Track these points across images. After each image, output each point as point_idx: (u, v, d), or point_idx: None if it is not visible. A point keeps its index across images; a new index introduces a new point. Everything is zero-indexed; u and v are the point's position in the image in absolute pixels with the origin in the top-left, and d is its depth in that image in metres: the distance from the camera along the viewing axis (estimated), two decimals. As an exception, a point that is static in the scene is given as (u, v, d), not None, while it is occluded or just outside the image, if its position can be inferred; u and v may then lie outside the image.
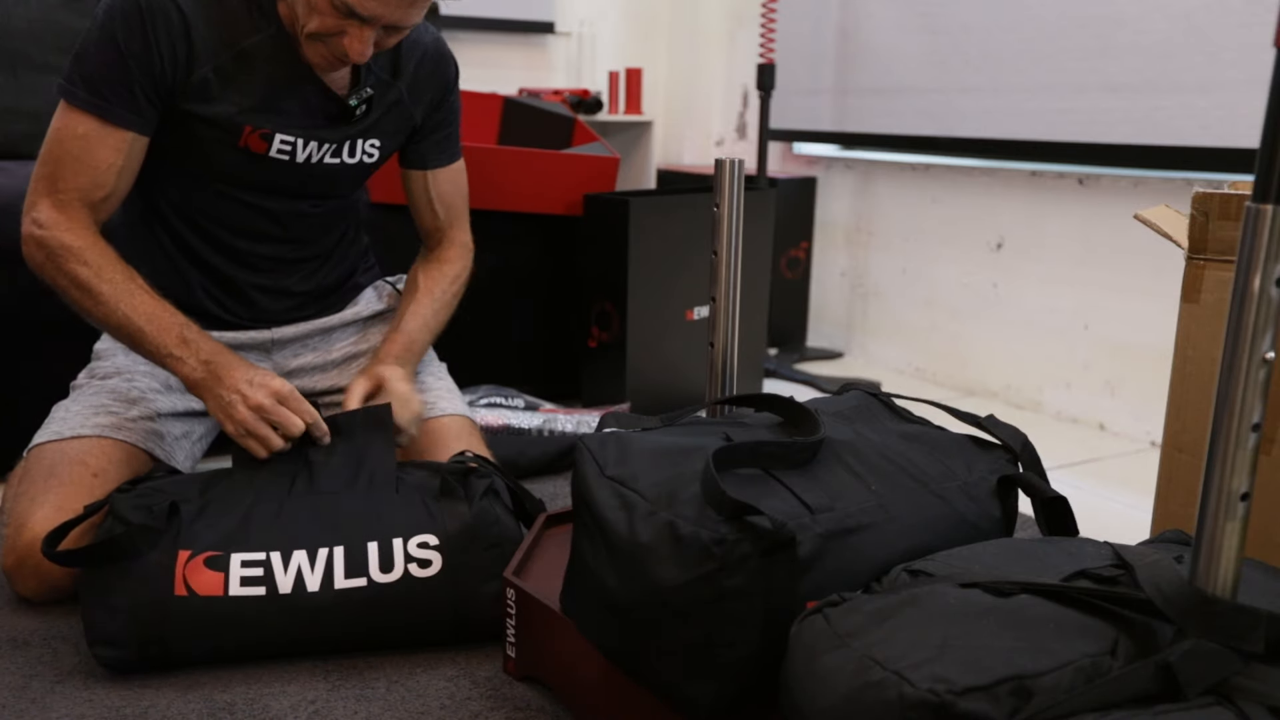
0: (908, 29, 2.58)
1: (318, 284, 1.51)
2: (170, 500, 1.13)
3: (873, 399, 1.16)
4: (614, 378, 2.10)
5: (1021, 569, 0.82)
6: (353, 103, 1.36)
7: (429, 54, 1.44)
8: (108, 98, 1.24)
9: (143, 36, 1.23)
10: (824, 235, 2.98)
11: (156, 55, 1.24)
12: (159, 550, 1.11)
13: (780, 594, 0.86)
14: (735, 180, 1.20)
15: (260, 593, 1.12)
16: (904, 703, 0.67)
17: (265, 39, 1.31)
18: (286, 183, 1.39)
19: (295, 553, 1.14)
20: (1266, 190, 0.66)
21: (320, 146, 1.38)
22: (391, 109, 1.42)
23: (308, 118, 1.35)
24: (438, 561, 1.17)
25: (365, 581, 1.15)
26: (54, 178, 1.26)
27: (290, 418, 1.20)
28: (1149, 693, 0.67)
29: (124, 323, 1.23)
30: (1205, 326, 1.08)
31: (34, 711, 1.07)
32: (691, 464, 0.92)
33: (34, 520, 1.21)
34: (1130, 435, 2.20)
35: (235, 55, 1.29)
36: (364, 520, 1.18)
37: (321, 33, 1.24)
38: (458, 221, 1.57)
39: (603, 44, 3.44)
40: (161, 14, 1.24)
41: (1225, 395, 0.68)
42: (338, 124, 1.37)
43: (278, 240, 1.44)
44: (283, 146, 1.35)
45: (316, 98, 1.35)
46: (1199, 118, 1.96)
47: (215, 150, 1.33)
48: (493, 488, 1.23)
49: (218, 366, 1.22)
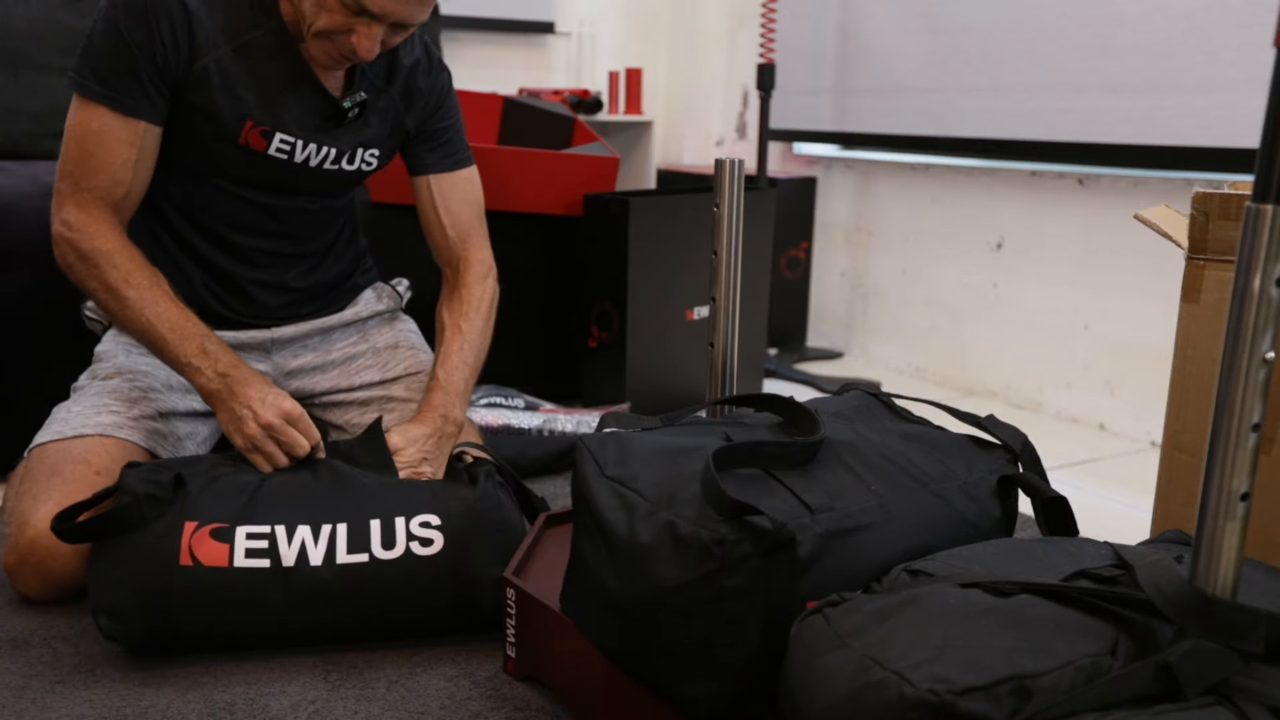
0: (908, 29, 2.58)
1: (316, 280, 1.51)
2: (176, 474, 1.16)
3: (873, 399, 1.16)
4: (614, 378, 2.10)
5: (1021, 569, 0.82)
6: (346, 104, 1.37)
7: (421, 63, 1.46)
8: (118, 89, 1.26)
9: (145, 26, 1.25)
10: (824, 235, 2.98)
11: (160, 44, 1.26)
12: (165, 520, 1.13)
13: (780, 594, 0.86)
14: (735, 180, 1.20)
15: (264, 565, 1.14)
16: (904, 703, 0.67)
17: (266, 34, 1.32)
18: (284, 180, 1.40)
19: (300, 527, 1.16)
20: (1266, 190, 0.66)
21: (320, 150, 1.39)
22: (385, 116, 1.44)
23: (306, 117, 1.36)
24: (439, 541, 1.19)
25: (367, 557, 1.17)
26: (76, 177, 1.28)
27: (297, 438, 1.23)
28: (1149, 693, 0.67)
29: (147, 328, 1.26)
30: (1205, 326, 1.08)
31: (34, 711, 1.07)
32: (691, 464, 0.92)
33: (36, 518, 1.21)
34: (1130, 435, 2.20)
35: (236, 49, 1.31)
36: (368, 499, 1.20)
37: (330, 30, 1.25)
38: (473, 239, 1.52)
39: (603, 44, 3.43)
40: (164, 4, 1.26)
41: (1225, 395, 0.68)
42: (331, 125, 1.39)
43: (275, 235, 1.45)
44: (282, 145, 1.36)
45: (313, 97, 1.36)
46: (1199, 118, 1.96)
47: (216, 146, 1.34)
48: (496, 472, 1.26)
49: (234, 381, 1.25)
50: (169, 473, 1.16)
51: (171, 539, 1.12)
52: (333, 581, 1.15)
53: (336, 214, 1.52)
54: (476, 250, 1.52)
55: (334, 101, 1.37)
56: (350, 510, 1.18)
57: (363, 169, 1.45)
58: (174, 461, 1.22)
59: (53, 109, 2.03)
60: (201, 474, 1.18)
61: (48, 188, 1.67)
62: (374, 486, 1.22)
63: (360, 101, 1.39)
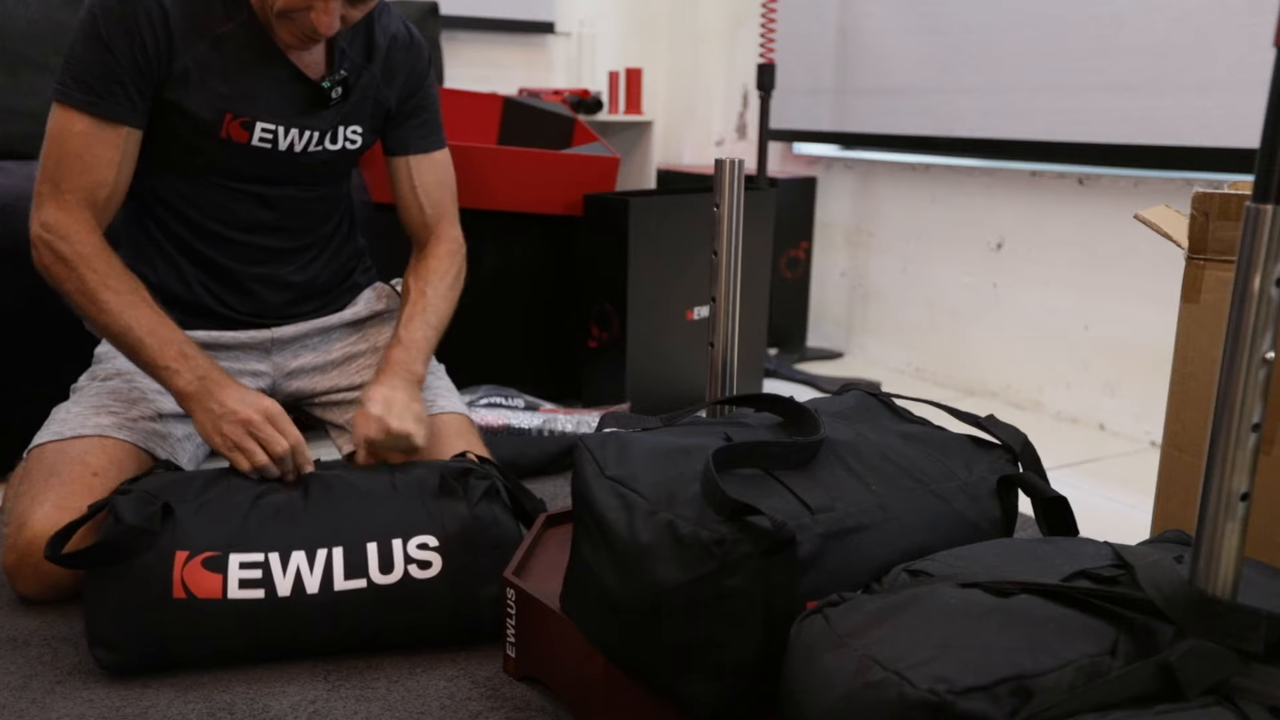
0: (908, 29, 2.58)
1: (314, 276, 1.52)
2: (164, 503, 1.13)
3: (873, 399, 1.16)
4: (614, 378, 2.10)
5: (1022, 569, 0.82)
6: (326, 85, 1.38)
7: (401, 39, 1.47)
8: (100, 94, 1.27)
9: (125, 30, 1.26)
10: (824, 235, 2.98)
11: (139, 47, 1.27)
12: (155, 552, 1.10)
13: (780, 594, 0.86)
14: (735, 180, 1.20)
15: (259, 595, 1.12)
16: (904, 703, 0.67)
17: (238, 26, 1.33)
18: (272, 171, 1.41)
19: (294, 554, 1.14)
20: (1266, 190, 0.66)
21: (302, 134, 1.40)
22: (367, 93, 1.44)
23: (286, 104, 1.37)
24: (438, 563, 1.17)
25: (365, 583, 1.15)
26: (56, 179, 1.28)
27: (274, 435, 1.21)
28: (1149, 693, 0.67)
29: (125, 332, 1.25)
30: (1205, 326, 1.08)
31: (34, 711, 1.07)
32: (691, 464, 0.92)
33: (34, 519, 1.21)
34: (1130, 435, 2.20)
35: (211, 44, 1.32)
36: (362, 520, 1.17)
37: (289, 9, 1.27)
38: (445, 218, 1.56)
39: (603, 44, 3.43)
40: (141, 6, 1.27)
41: (1225, 395, 0.68)
42: (315, 109, 1.40)
43: (270, 229, 1.45)
44: (264, 135, 1.37)
45: (293, 84, 1.37)
46: (1199, 118, 1.96)
47: (198, 142, 1.35)
48: (492, 488, 1.23)
49: (211, 382, 1.24)
50: (157, 502, 1.13)
51: (163, 571, 1.10)
52: (330, 610, 1.14)
53: (332, 206, 1.52)
54: (448, 228, 1.56)
55: (313, 85, 1.38)
56: (346, 532, 1.16)
57: (347, 147, 1.45)
58: (167, 480, 1.18)
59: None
60: (191, 499, 1.15)
61: (48, 188, 1.68)
62: (368, 503, 1.19)
63: (341, 80, 1.40)
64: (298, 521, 1.16)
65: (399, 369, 1.38)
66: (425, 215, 1.54)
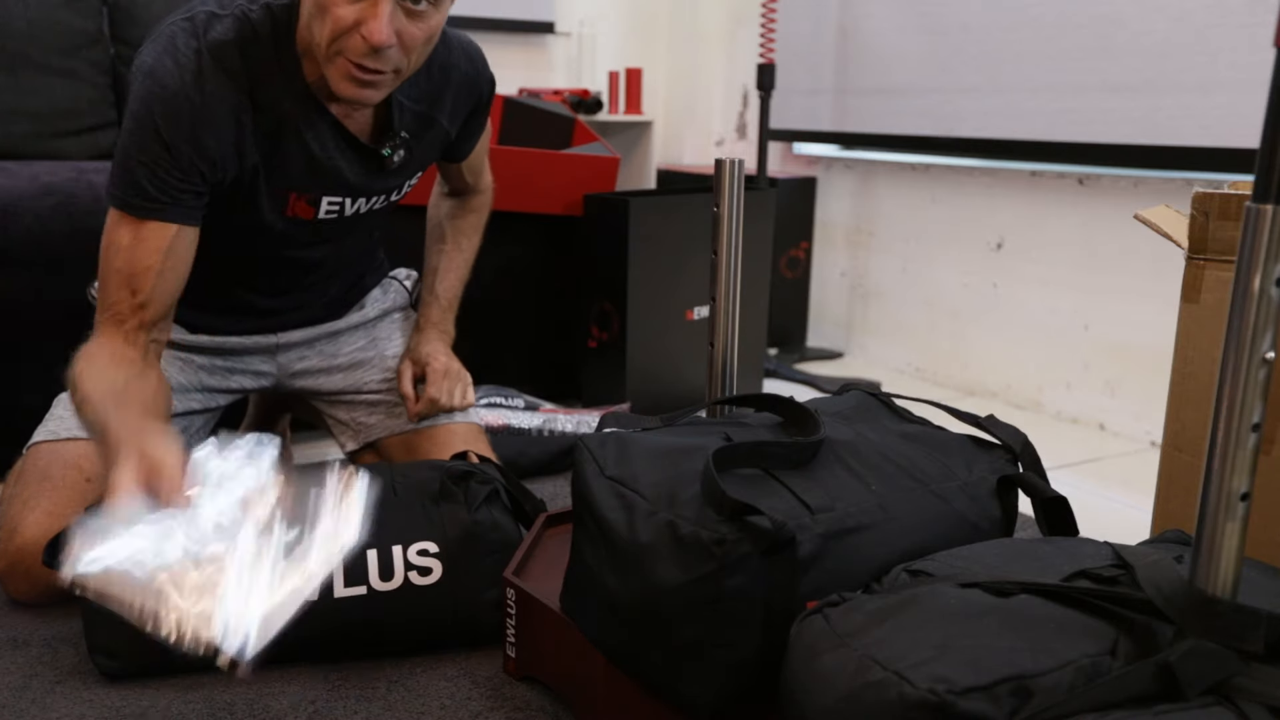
0: (908, 29, 2.58)
1: (331, 296, 1.51)
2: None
3: (873, 399, 1.16)
4: (614, 378, 2.10)
5: (1021, 569, 0.82)
6: (386, 153, 1.31)
7: (466, 78, 1.38)
8: (168, 198, 1.18)
9: (192, 138, 1.16)
10: (824, 235, 2.98)
11: (207, 157, 1.19)
12: None
13: (780, 594, 0.86)
14: (735, 180, 1.20)
15: None
16: (904, 703, 0.67)
17: (295, 104, 1.24)
18: (330, 231, 1.38)
19: None
20: (1266, 190, 0.66)
21: (369, 200, 1.37)
22: (432, 143, 1.39)
23: (352, 176, 1.32)
24: (438, 569, 1.16)
25: (365, 590, 1.14)
26: (100, 294, 1.21)
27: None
28: (1149, 693, 0.67)
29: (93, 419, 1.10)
30: (1205, 326, 1.08)
31: (34, 711, 1.07)
32: (691, 464, 0.92)
33: (26, 524, 1.21)
34: (1130, 435, 2.20)
35: (269, 133, 1.23)
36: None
37: (339, 32, 1.12)
38: (484, 172, 1.61)
39: (603, 44, 3.43)
40: (208, 115, 1.17)
41: (1225, 395, 0.68)
42: (377, 175, 1.34)
43: (305, 268, 1.43)
44: (330, 207, 1.33)
45: (351, 153, 1.30)
46: (1199, 118, 1.96)
47: (265, 220, 1.30)
48: (493, 492, 1.23)
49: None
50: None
51: None
52: (330, 617, 1.13)
53: (370, 233, 1.53)
54: (486, 177, 1.62)
55: (371, 152, 1.31)
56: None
57: (407, 191, 1.44)
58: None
59: (53, 109, 2.03)
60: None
61: (48, 188, 1.68)
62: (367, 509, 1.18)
63: (403, 142, 1.32)
64: None
65: (438, 331, 1.51)
66: (467, 181, 1.58)
